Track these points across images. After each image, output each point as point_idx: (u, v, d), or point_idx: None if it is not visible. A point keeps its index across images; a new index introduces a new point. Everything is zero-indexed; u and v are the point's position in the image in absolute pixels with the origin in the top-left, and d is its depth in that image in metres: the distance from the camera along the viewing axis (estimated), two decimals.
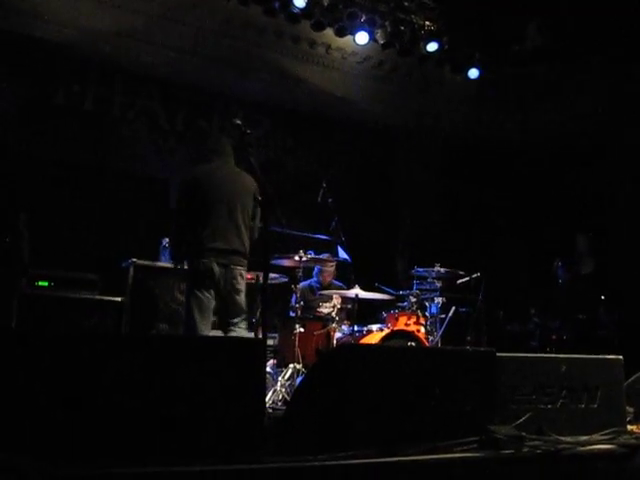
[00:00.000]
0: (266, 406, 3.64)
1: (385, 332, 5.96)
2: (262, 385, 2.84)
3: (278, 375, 5.63)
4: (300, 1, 7.33)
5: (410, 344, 5.85)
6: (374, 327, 6.19)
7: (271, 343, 6.14)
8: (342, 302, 6.27)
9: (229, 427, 2.49)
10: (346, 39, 8.04)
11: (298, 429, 2.78)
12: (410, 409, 2.82)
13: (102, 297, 5.92)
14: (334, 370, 2.87)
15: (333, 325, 5.99)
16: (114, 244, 7.05)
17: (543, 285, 7.76)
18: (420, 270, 6.65)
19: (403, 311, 6.39)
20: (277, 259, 5.79)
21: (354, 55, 8.45)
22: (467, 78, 8.66)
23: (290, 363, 5.63)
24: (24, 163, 7.02)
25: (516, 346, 7.06)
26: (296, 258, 5.79)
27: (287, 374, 5.57)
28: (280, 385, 5.46)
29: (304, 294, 6.44)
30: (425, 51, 8.22)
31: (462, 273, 6.80)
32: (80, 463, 2.09)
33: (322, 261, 6.41)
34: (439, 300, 6.57)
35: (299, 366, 5.58)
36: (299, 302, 5.92)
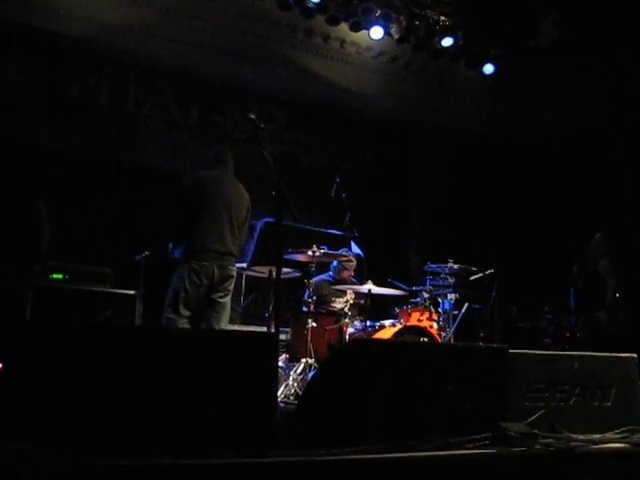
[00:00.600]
0: (278, 400, 3.64)
1: (398, 328, 5.95)
2: (274, 379, 2.83)
3: (290, 370, 5.62)
4: None
5: (423, 340, 5.84)
6: (387, 322, 6.18)
7: (283, 338, 6.15)
8: (355, 297, 6.24)
9: (241, 421, 2.49)
10: (361, 34, 8.03)
11: (310, 424, 2.78)
12: (422, 405, 2.81)
13: (115, 290, 5.96)
14: (346, 365, 2.86)
15: (346, 320, 5.97)
16: (127, 237, 7.07)
17: (556, 284, 7.70)
18: (433, 266, 6.65)
19: (416, 307, 6.37)
20: (290, 254, 5.80)
21: (368, 50, 8.43)
22: (482, 74, 8.62)
23: (302, 358, 5.62)
24: (39, 156, 7.05)
25: (529, 343, 7.01)
26: (309, 253, 5.78)
27: (299, 369, 5.55)
28: (292, 380, 5.45)
29: (317, 289, 6.42)
30: (440, 46, 8.19)
31: (475, 270, 6.80)
32: (89, 454, 2.09)
33: (335, 256, 6.39)
34: (452, 296, 6.55)
35: (311, 361, 5.57)
36: (312, 297, 5.92)
